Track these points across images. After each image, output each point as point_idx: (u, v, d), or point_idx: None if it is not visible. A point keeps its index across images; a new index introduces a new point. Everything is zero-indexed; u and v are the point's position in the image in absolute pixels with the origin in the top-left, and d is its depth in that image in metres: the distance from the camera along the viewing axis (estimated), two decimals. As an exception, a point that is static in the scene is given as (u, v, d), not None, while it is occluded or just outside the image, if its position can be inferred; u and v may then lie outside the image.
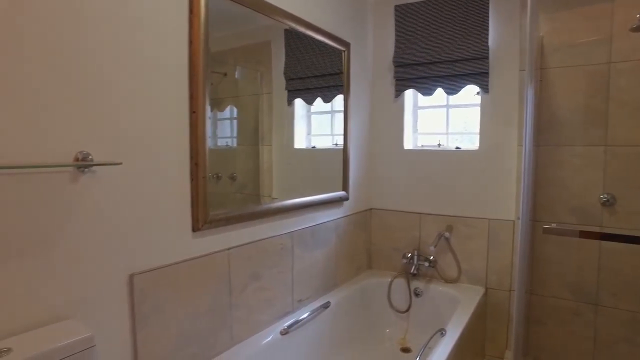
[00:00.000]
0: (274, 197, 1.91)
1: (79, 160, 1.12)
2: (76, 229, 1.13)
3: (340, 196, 2.33)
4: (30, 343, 0.98)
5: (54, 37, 1.06)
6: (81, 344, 1.02)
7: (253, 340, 1.70)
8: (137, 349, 1.29)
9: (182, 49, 1.39)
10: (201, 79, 1.42)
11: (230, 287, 1.60)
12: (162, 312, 1.35)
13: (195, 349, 1.48)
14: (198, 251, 1.46)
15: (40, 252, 1.06)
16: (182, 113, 1.39)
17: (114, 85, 1.20)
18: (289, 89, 2.02)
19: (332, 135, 2.41)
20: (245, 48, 1.79)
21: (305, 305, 2.06)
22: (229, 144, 1.71)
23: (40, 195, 1.05)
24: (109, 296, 1.22)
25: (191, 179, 1.42)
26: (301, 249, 2.03)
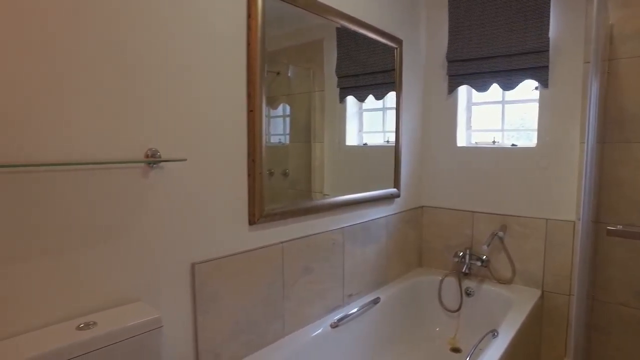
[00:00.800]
0: (325, 193, 1.95)
1: (149, 157, 1.22)
2: (146, 220, 1.24)
3: (392, 193, 2.33)
4: (110, 319, 1.09)
5: (130, 49, 1.17)
6: (152, 323, 1.12)
7: (304, 331, 1.76)
8: (197, 334, 1.39)
9: (241, 51, 1.47)
10: (258, 78, 1.49)
11: (283, 279, 1.67)
12: (220, 300, 1.44)
13: (249, 336, 1.55)
14: (254, 244, 1.54)
15: (115, 240, 1.17)
16: (240, 111, 1.47)
17: (179, 87, 1.29)
18: (341, 87, 2.04)
19: (384, 133, 2.41)
20: (298, 47, 1.84)
21: (354, 300, 2.09)
22: (282, 141, 1.77)
23: (116, 188, 1.16)
24: (173, 283, 1.32)
25: (248, 174, 1.49)
26: (352, 245, 2.06)
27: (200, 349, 1.39)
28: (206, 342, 1.41)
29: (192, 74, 1.32)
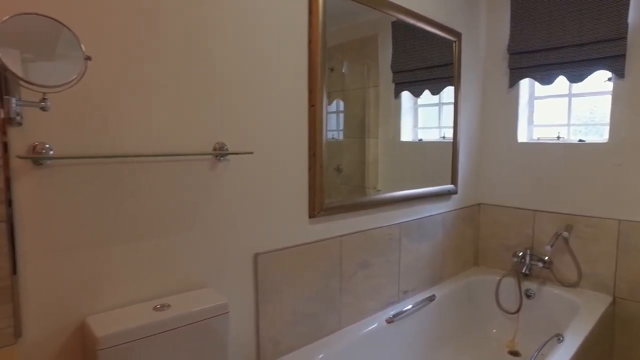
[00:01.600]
0: (379, 189, 1.95)
1: (217, 150, 1.27)
2: (213, 210, 1.29)
3: (449, 189, 2.28)
4: (182, 303, 1.16)
5: (202, 54, 1.22)
6: (220, 309, 1.17)
7: (360, 325, 1.77)
8: (258, 322, 1.43)
9: (302, 48, 1.49)
10: (319, 74, 1.51)
11: (340, 272, 1.68)
12: (281, 291, 1.48)
13: (307, 327, 1.58)
14: (313, 236, 1.57)
15: (187, 228, 1.24)
16: (302, 106, 1.50)
17: (245, 83, 1.34)
18: (396, 82, 2.02)
19: (440, 128, 2.36)
20: (352, 43, 1.84)
21: (410, 297, 2.07)
22: (335, 137, 1.78)
23: (188, 179, 1.23)
24: (237, 272, 1.37)
25: (309, 168, 1.52)
26: (408, 241, 2.04)
27: (261, 336, 1.44)
28: (267, 330, 1.45)
29: (256, 71, 1.36)
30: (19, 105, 0.87)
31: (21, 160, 0.96)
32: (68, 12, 0.99)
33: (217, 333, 1.18)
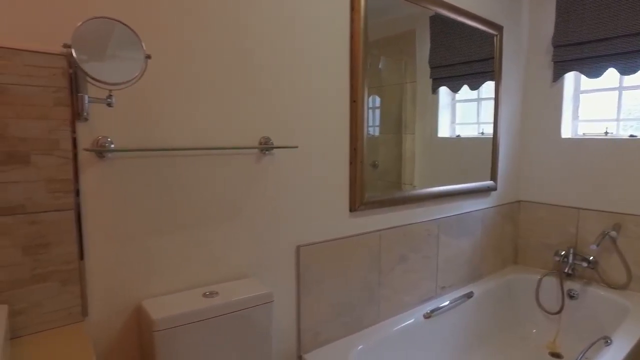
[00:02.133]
0: (415, 185, 1.94)
1: (262, 144, 1.32)
2: (258, 202, 1.34)
3: (488, 186, 2.25)
4: (229, 291, 1.21)
5: (247, 53, 1.27)
6: (264, 298, 1.22)
7: (397, 319, 1.78)
8: (300, 312, 1.47)
9: (344, 44, 1.51)
10: (361, 70, 1.52)
11: (379, 266, 1.70)
12: (321, 283, 1.51)
13: (346, 319, 1.61)
14: (354, 230, 1.59)
15: (233, 219, 1.29)
16: (344, 102, 1.52)
17: (289, 80, 1.37)
18: (434, 77, 2.00)
19: (478, 124, 2.32)
20: (389, 39, 1.83)
21: (447, 293, 2.06)
22: (372, 133, 1.78)
23: (236, 172, 1.28)
24: (280, 263, 1.42)
25: (350, 162, 1.54)
26: (446, 237, 2.03)
27: (302, 326, 1.48)
28: (307, 321, 1.49)
29: (300, 68, 1.40)
30: (90, 102, 0.93)
31: (87, 152, 1.03)
32: (129, 15, 1.06)
33: (262, 321, 1.22)
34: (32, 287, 0.98)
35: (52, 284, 1.00)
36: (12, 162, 0.93)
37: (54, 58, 0.96)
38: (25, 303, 0.97)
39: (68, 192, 1.00)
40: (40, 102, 0.95)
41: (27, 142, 0.94)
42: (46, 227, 0.98)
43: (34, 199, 0.96)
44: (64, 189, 1.00)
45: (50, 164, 0.98)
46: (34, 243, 0.97)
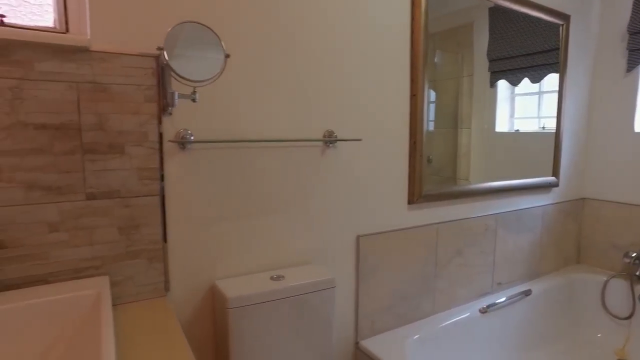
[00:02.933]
0: (471, 180, 1.92)
1: (327, 137, 1.38)
2: (322, 193, 1.40)
3: (549, 182, 2.18)
4: (295, 275, 1.29)
5: (312, 47, 1.33)
6: (328, 283, 1.28)
7: (452, 312, 1.79)
8: (358, 300, 1.53)
9: (405, 39, 1.54)
10: (421, 64, 1.54)
11: (436, 259, 1.72)
12: (379, 272, 1.56)
13: (402, 309, 1.65)
14: (411, 222, 1.62)
15: (298, 208, 1.37)
16: (404, 96, 1.55)
17: (352, 75, 1.42)
18: (492, 70, 1.96)
19: (539, 118, 2.24)
20: (446, 32, 1.82)
21: (504, 289, 2.03)
22: (426, 128, 1.78)
23: (302, 163, 1.35)
24: (341, 251, 1.47)
25: (409, 156, 1.57)
26: (504, 232, 2.00)
27: (359, 314, 1.53)
28: (365, 309, 1.54)
29: (363, 63, 1.44)
30: (179, 98, 1.03)
31: (170, 144, 1.14)
32: (211, 19, 1.15)
33: (324, 305, 1.29)
34: (126, 263, 1.10)
35: (142, 261, 1.12)
36: (112, 152, 1.05)
37: (146, 60, 1.07)
38: (120, 276, 1.10)
39: (154, 180, 1.12)
40: (134, 99, 1.07)
41: (123, 135, 1.06)
42: (137, 210, 1.10)
43: (127, 185, 1.08)
44: (151, 176, 1.11)
45: (140, 154, 1.09)
46: (127, 224, 1.09)
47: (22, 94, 0.95)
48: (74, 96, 1.01)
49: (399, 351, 1.47)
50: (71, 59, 0.99)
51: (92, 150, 1.04)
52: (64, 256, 1.03)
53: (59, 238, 1.03)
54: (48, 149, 0.99)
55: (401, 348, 1.50)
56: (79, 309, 0.92)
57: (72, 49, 0.99)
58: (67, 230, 1.03)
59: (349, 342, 1.54)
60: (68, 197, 1.02)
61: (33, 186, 0.99)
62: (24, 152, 0.97)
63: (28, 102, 0.96)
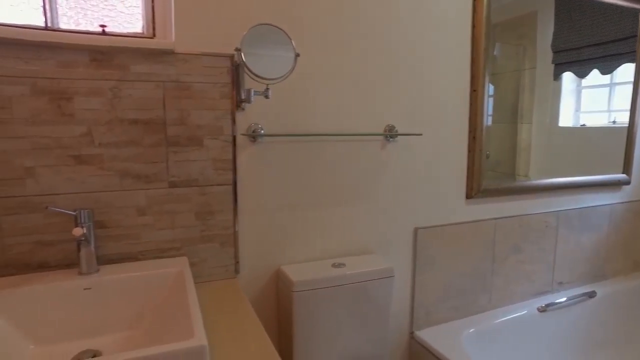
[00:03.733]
0: (531, 177, 1.87)
1: (387, 131, 1.42)
2: (382, 185, 1.45)
3: (619, 179, 2.07)
4: (355, 263, 1.35)
5: (376, 45, 1.37)
6: (386, 272, 1.33)
7: (509, 309, 1.77)
8: (414, 290, 1.56)
9: (466, 34, 1.54)
10: (482, 59, 1.53)
11: (493, 254, 1.71)
12: (435, 265, 1.58)
13: (457, 303, 1.66)
14: (469, 217, 1.62)
15: (360, 199, 1.42)
16: (464, 91, 1.55)
17: (414, 70, 1.45)
18: (557, 62, 1.89)
19: (609, 112, 2.13)
20: (506, 23, 1.77)
21: (565, 289, 1.97)
22: (485, 122, 1.73)
23: (363, 156, 1.41)
24: (399, 243, 1.52)
25: (468, 150, 1.57)
26: (566, 231, 1.94)
27: (415, 304, 1.57)
28: (420, 300, 1.57)
29: (424, 59, 1.46)
30: (255, 95, 1.12)
31: (243, 137, 1.23)
32: (282, 20, 1.23)
33: (383, 293, 1.34)
34: (201, 246, 1.22)
35: (215, 244, 1.23)
36: (192, 144, 1.16)
37: (222, 59, 1.17)
38: (196, 258, 1.21)
39: (228, 170, 1.22)
40: (211, 95, 1.17)
41: (201, 128, 1.17)
42: (212, 198, 1.21)
43: (204, 174, 1.19)
44: (225, 167, 1.21)
45: (216, 146, 1.19)
46: (203, 210, 1.20)
47: (119, 93, 1.08)
48: (160, 94, 1.12)
49: (455, 343, 1.49)
50: (159, 61, 1.11)
51: (175, 142, 1.15)
52: (151, 237, 1.16)
53: (147, 221, 1.15)
54: (139, 141, 1.12)
55: (456, 340, 1.51)
56: (166, 282, 1.04)
57: (160, 52, 1.10)
58: (153, 215, 1.16)
59: (404, 332, 1.58)
60: (154, 185, 1.15)
61: (126, 174, 1.12)
62: (120, 144, 1.10)
63: (124, 100, 1.09)
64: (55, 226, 1.07)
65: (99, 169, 1.09)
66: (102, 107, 1.07)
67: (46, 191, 1.05)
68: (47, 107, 1.03)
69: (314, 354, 1.27)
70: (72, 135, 1.06)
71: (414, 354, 1.57)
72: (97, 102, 1.07)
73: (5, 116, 0.99)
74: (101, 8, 1.15)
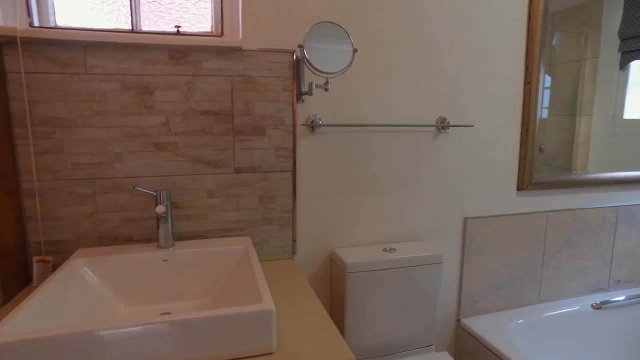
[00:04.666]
0: (589, 170, 1.82)
1: (439, 123, 1.46)
2: (432, 175, 1.50)
3: (687, 174, 1.97)
4: (405, 249, 1.41)
5: (429, 39, 1.41)
6: (435, 258, 1.38)
7: (561, 303, 1.75)
8: (462, 279, 1.60)
9: (521, 26, 1.53)
10: (537, 52, 1.53)
11: (544, 247, 1.70)
12: (484, 255, 1.60)
13: (505, 293, 1.67)
14: (519, 209, 1.63)
15: (410, 188, 1.48)
16: (518, 84, 1.55)
17: (466, 64, 1.47)
18: (624, 51, 1.81)
19: (680, 104, 2.02)
20: (568, 10, 1.72)
21: (623, 288, 1.91)
22: (540, 115, 1.69)
23: (415, 147, 1.46)
24: (448, 231, 1.55)
25: (520, 143, 1.58)
26: (627, 227, 1.87)
27: (462, 292, 1.60)
28: (468, 289, 1.61)
29: (478, 54, 1.48)
30: (316, 88, 1.21)
31: (302, 127, 1.32)
32: (341, 17, 1.30)
33: (431, 279, 1.39)
34: (263, 227, 1.32)
35: (275, 226, 1.34)
36: (256, 133, 1.27)
37: (284, 55, 1.26)
38: (258, 238, 1.33)
39: (288, 158, 1.31)
40: (274, 88, 1.27)
41: (265, 119, 1.27)
42: (273, 183, 1.31)
43: (267, 161, 1.30)
44: (286, 155, 1.31)
45: (278, 135, 1.29)
46: (265, 194, 1.31)
47: (193, 87, 1.20)
48: (228, 88, 1.24)
49: (501, 332, 1.51)
50: (228, 57, 1.22)
51: (241, 132, 1.26)
52: (217, 218, 1.28)
53: (214, 203, 1.28)
54: (209, 130, 1.24)
55: (503, 330, 1.53)
56: (234, 257, 1.16)
57: (230, 49, 1.21)
58: (220, 197, 1.28)
59: (451, 319, 1.62)
60: (222, 170, 1.27)
61: (198, 160, 1.24)
62: (194, 133, 1.22)
63: (197, 93, 1.21)
64: (138, 205, 1.21)
65: (174, 155, 1.22)
66: (178, 99, 1.20)
67: (131, 174, 1.20)
68: (133, 100, 1.17)
69: (364, 332, 1.35)
70: (152, 125, 1.19)
71: (460, 341, 1.61)
72: (174, 95, 1.20)
73: (102, 109, 1.14)
74: (176, 10, 1.28)
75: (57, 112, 1.12)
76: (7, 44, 1.06)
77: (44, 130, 1.12)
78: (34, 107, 1.10)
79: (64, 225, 1.16)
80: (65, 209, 1.16)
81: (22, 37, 1.04)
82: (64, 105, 1.12)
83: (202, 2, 1.30)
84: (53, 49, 1.09)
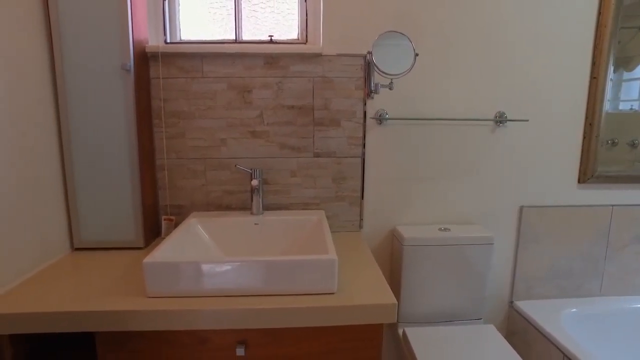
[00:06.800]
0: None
1: (497, 117, 1.58)
2: (488, 165, 1.62)
3: None
4: (459, 229, 1.57)
5: (487, 36, 1.53)
6: (487, 240, 1.52)
7: (624, 300, 1.76)
8: (515, 264, 1.70)
9: (590, 19, 1.57)
10: (607, 45, 1.56)
11: (607, 241, 1.73)
12: (540, 243, 1.69)
13: (562, 283, 1.74)
14: (580, 201, 1.68)
15: (468, 177, 1.62)
16: (582, 79, 1.60)
17: (527, 61, 1.57)
18: None
19: None
20: None
21: (699, 288, 1.85)
22: (634, 108, 1.65)
23: (473, 139, 1.60)
24: (503, 218, 1.67)
25: (583, 136, 1.63)
26: None
27: (516, 277, 1.71)
28: (522, 273, 1.71)
29: (539, 50, 1.57)
30: (382, 87, 1.42)
31: (371, 120, 1.54)
32: (404, 21, 1.49)
33: (483, 258, 1.54)
34: (335, 204, 1.58)
35: (344, 204, 1.58)
36: (332, 125, 1.52)
37: (356, 59, 1.49)
38: (331, 212, 1.58)
39: (358, 146, 1.54)
40: (348, 87, 1.50)
41: (340, 113, 1.51)
42: (345, 167, 1.55)
43: (340, 148, 1.54)
44: (356, 143, 1.54)
45: (350, 126, 1.53)
46: (337, 176, 1.56)
47: (282, 86, 1.48)
48: (310, 87, 1.49)
49: (553, 318, 1.60)
50: (311, 62, 1.48)
51: (320, 123, 1.52)
52: (299, 193, 1.56)
53: (296, 182, 1.55)
54: (293, 122, 1.51)
55: (556, 316, 1.62)
56: (310, 225, 1.43)
57: (312, 55, 1.47)
58: (300, 177, 1.55)
59: (504, 301, 1.74)
60: (303, 155, 1.54)
61: (284, 146, 1.52)
62: (281, 124, 1.51)
63: (285, 91, 1.49)
64: (236, 181, 1.53)
65: (266, 142, 1.52)
66: (270, 96, 1.49)
67: (232, 155, 1.52)
68: (236, 97, 1.48)
69: (417, 300, 1.54)
70: (250, 117, 1.50)
71: (512, 321, 1.73)
72: (267, 93, 1.49)
73: (213, 104, 1.47)
74: (269, 22, 1.57)
75: (181, 107, 1.47)
76: (153, 57, 1.42)
77: (172, 120, 1.48)
78: (166, 103, 1.46)
79: (183, 193, 1.52)
80: (184, 181, 1.52)
81: (162, 52, 1.40)
82: (186, 102, 1.47)
83: (291, 15, 1.57)
84: (180, 59, 1.44)
